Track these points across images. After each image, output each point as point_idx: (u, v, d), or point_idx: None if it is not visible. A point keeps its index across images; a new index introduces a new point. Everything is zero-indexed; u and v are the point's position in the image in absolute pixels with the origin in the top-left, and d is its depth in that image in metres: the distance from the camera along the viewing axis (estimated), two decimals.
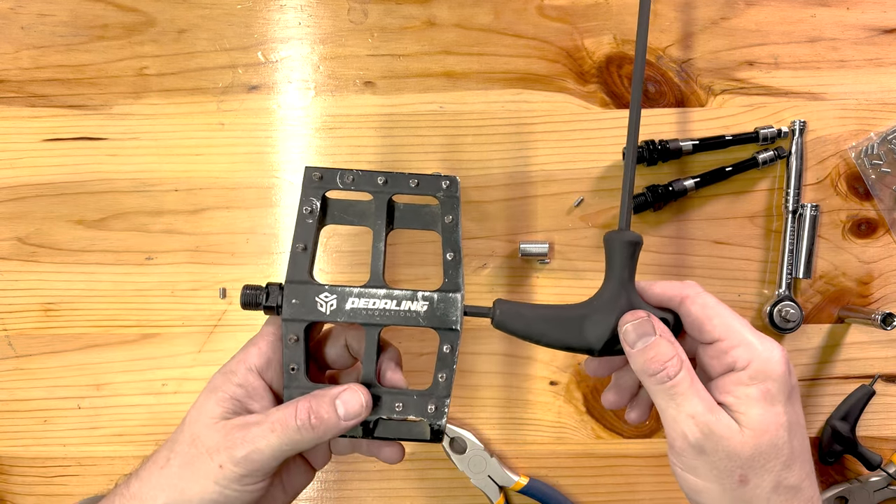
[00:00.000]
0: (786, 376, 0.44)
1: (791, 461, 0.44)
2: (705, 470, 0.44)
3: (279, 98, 0.63)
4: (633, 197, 0.51)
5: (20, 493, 0.63)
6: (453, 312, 0.48)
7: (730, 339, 0.45)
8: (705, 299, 0.46)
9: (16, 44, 0.63)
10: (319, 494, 0.63)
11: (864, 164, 0.62)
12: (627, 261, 0.48)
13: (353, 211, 0.51)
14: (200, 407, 0.47)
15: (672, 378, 0.44)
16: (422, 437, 0.49)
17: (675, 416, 0.44)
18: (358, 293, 0.48)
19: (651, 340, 0.45)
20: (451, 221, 0.50)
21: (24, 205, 0.63)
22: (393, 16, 0.62)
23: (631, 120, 0.51)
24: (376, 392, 0.48)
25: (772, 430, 0.43)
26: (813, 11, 0.62)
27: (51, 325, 0.63)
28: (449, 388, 0.48)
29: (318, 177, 0.50)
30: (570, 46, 0.62)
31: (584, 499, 0.63)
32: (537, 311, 0.49)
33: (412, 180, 0.50)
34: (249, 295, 0.49)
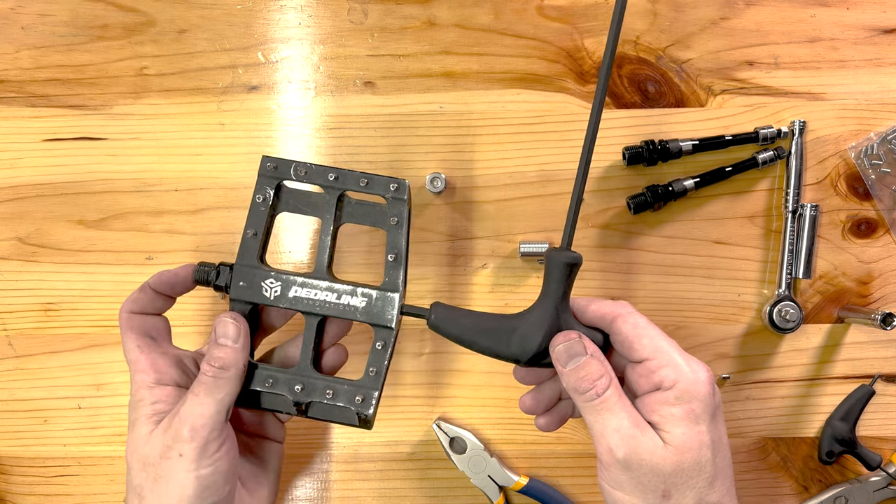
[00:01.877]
0: (710, 396, 0.46)
1: (713, 479, 0.45)
2: (630, 485, 0.46)
3: (279, 98, 0.63)
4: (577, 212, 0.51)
5: (20, 493, 0.63)
6: (389, 311, 0.51)
7: (658, 358, 0.46)
8: (636, 319, 0.48)
9: (16, 44, 0.63)
10: (319, 494, 0.63)
11: (863, 164, 0.62)
12: (563, 280, 0.49)
13: (307, 202, 0.53)
14: (133, 440, 0.49)
15: (600, 395, 0.46)
16: (351, 422, 0.51)
17: (601, 430, 0.46)
18: (301, 283, 0.51)
19: (582, 360, 0.47)
20: (395, 223, 0.52)
21: (24, 205, 0.63)
22: (393, 16, 0.62)
23: (588, 135, 0.51)
24: (311, 379, 0.51)
25: (695, 448, 0.45)
26: (813, 11, 0.62)
27: (51, 325, 0.63)
28: (378, 382, 0.50)
29: (273, 167, 0.52)
30: (570, 46, 0.62)
31: (584, 499, 0.63)
32: (472, 319, 0.50)
33: (362, 179, 0.52)
34: (202, 272, 0.52)
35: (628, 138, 0.62)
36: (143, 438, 0.48)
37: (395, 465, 0.63)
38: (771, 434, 0.63)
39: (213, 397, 0.48)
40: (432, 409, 0.63)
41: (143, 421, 0.49)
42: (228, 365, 0.49)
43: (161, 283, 0.52)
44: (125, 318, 0.52)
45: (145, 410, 0.49)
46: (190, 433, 0.47)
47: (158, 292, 0.52)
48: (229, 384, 0.48)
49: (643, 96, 0.62)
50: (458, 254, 0.62)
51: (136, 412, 0.49)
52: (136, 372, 0.50)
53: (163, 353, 0.51)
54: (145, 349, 0.51)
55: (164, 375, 0.50)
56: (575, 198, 0.50)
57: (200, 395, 0.48)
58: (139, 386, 0.50)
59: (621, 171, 0.62)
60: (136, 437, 0.48)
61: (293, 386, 0.50)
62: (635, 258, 0.62)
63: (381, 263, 0.62)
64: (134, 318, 0.52)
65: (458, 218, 0.62)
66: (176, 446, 0.47)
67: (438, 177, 0.61)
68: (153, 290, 0.52)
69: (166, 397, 0.49)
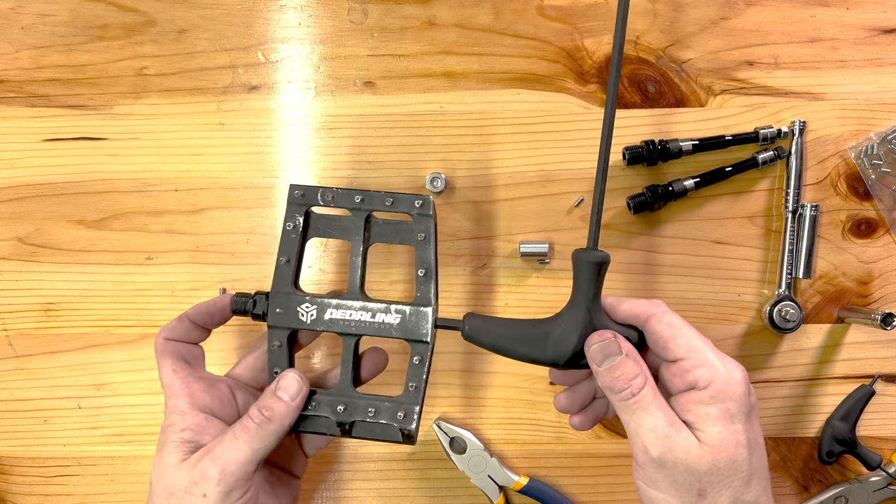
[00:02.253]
0: (745, 396, 0.46)
1: (750, 478, 0.45)
2: (665, 484, 0.46)
3: (279, 98, 0.63)
4: (601, 212, 0.52)
5: (20, 493, 0.63)
6: (424, 325, 0.51)
7: (693, 358, 0.47)
8: (671, 318, 0.48)
9: (16, 44, 0.63)
10: (319, 494, 0.63)
11: (863, 164, 0.62)
12: (593, 280, 0.49)
13: (336, 226, 0.54)
14: (160, 465, 0.49)
15: (636, 395, 0.46)
16: (394, 438, 0.51)
17: (637, 429, 0.46)
18: (336, 304, 0.52)
19: (617, 360, 0.47)
20: (423, 239, 0.52)
21: (24, 205, 0.63)
22: (393, 16, 0.62)
23: (602, 142, 0.51)
24: (352, 399, 0.51)
25: (730, 447, 0.45)
26: (813, 11, 0.62)
27: (51, 325, 0.63)
28: (418, 397, 0.51)
29: (301, 194, 0.53)
30: (570, 46, 0.62)
31: (584, 499, 0.63)
32: (505, 326, 0.51)
33: (388, 199, 0.52)
34: (239, 302, 0.52)
35: (628, 138, 0.62)
36: (172, 467, 0.48)
37: (395, 465, 0.63)
38: (771, 434, 0.63)
39: (251, 446, 0.47)
40: (432, 409, 0.63)
41: (171, 448, 0.48)
42: (276, 419, 0.48)
43: (199, 313, 0.52)
44: (161, 344, 0.52)
45: (175, 437, 0.49)
46: (219, 476, 0.46)
47: (196, 323, 0.53)
48: (270, 437, 0.48)
49: (643, 96, 0.62)
50: (459, 254, 0.62)
51: (165, 436, 0.49)
52: (170, 396, 0.50)
53: (198, 377, 0.52)
54: (180, 373, 0.51)
55: (198, 401, 0.50)
56: (597, 197, 0.51)
57: (240, 441, 0.47)
58: (172, 410, 0.50)
59: (621, 171, 0.62)
60: (165, 463, 0.48)
61: (336, 406, 0.51)
62: (635, 258, 0.62)
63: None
64: (169, 343, 0.52)
65: (458, 218, 0.62)
66: (202, 484, 0.46)
67: (438, 177, 0.61)
68: (191, 320, 0.52)
69: (196, 426, 0.49)
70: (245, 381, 0.55)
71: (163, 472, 0.48)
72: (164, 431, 0.50)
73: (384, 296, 0.62)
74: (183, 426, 0.49)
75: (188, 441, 0.49)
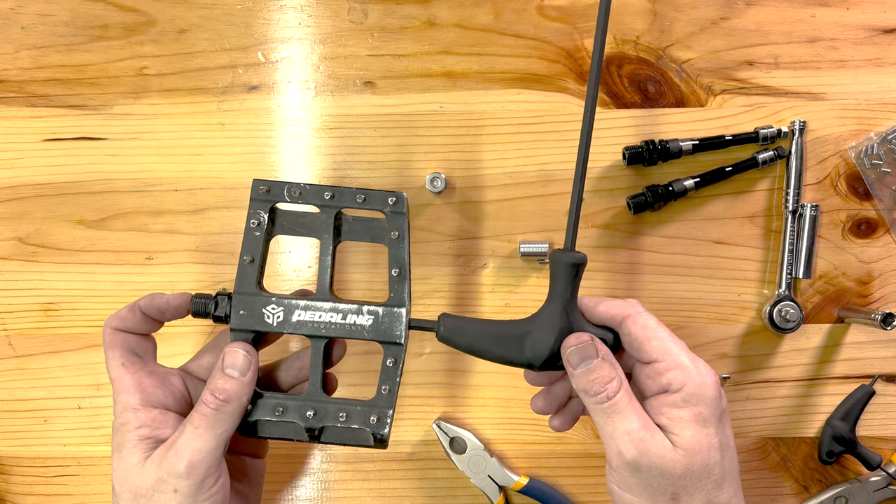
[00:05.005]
0: (717, 400, 0.46)
1: (722, 480, 0.46)
2: (639, 488, 0.46)
3: (279, 98, 0.63)
4: (579, 213, 0.51)
5: (20, 493, 0.63)
6: (398, 327, 0.50)
7: (666, 361, 0.46)
8: (646, 320, 0.48)
9: (16, 44, 0.63)
10: (319, 494, 0.63)
11: (863, 164, 0.62)
12: (570, 281, 0.49)
13: (303, 223, 0.52)
14: (121, 467, 0.47)
15: (611, 398, 0.46)
16: (365, 443, 0.50)
17: (611, 433, 0.46)
18: (304, 306, 0.50)
19: (593, 363, 0.47)
20: (396, 237, 0.51)
21: (24, 205, 0.63)
22: (393, 16, 0.62)
23: (582, 140, 0.51)
24: (322, 403, 0.49)
25: (703, 450, 0.45)
26: (813, 11, 0.62)
27: (51, 325, 0.63)
28: (391, 400, 0.49)
29: (266, 190, 0.51)
30: (570, 46, 0.62)
31: (584, 499, 0.63)
32: (480, 327, 0.50)
33: (359, 195, 0.51)
34: (199, 304, 0.50)
35: (628, 138, 0.62)
36: (135, 467, 0.46)
37: (395, 465, 0.63)
38: (771, 434, 0.63)
39: (213, 432, 0.46)
40: (432, 409, 0.63)
41: (130, 447, 0.47)
42: (232, 398, 0.47)
43: (152, 307, 0.50)
44: (109, 334, 0.50)
45: (131, 435, 0.47)
46: (187, 469, 0.45)
47: (147, 315, 0.50)
48: (230, 418, 0.47)
49: (643, 96, 0.62)
50: (459, 254, 0.62)
51: (121, 436, 0.48)
52: (119, 392, 0.48)
53: (149, 371, 0.50)
54: (130, 367, 0.49)
55: (150, 396, 0.48)
56: (575, 198, 0.50)
57: (200, 429, 0.46)
58: (123, 408, 0.48)
59: (621, 171, 0.62)
60: (126, 464, 0.47)
61: (305, 412, 0.49)
62: (635, 258, 0.62)
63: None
64: (118, 334, 0.50)
65: (458, 218, 0.62)
66: (171, 481, 0.45)
67: (438, 177, 0.61)
68: (142, 312, 0.50)
69: (152, 421, 0.48)
70: (201, 377, 0.53)
71: (126, 473, 0.47)
72: (118, 431, 0.48)
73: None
74: (138, 423, 0.47)
75: (146, 437, 0.47)
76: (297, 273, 0.63)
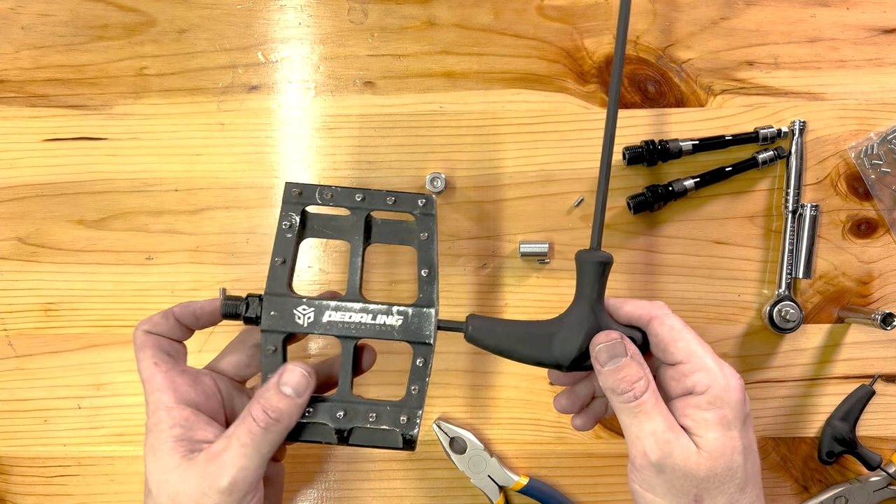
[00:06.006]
0: (741, 403, 0.46)
1: (745, 484, 0.46)
2: (663, 489, 0.46)
3: (279, 98, 0.63)
4: (604, 212, 0.51)
5: (20, 493, 0.63)
6: (427, 327, 0.50)
7: (692, 363, 0.47)
8: (673, 322, 0.48)
9: (16, 44, 0.63)
10: (319, 494, 0.63)
11: (863, 164, 0.62)
12: (597, 280, 0.49)
13: (333, 226, 0.52)
14: (159, 469, 0.46)
15: (639, 398, 0.46)
16: (395, 445, 0.50)
17: (637, 433, 0.46)
18: (335, 306, 0.50)
19: (622, 361, 0.47)
20: (426, 238, 0.51)
21: (24, 205, 0.63)
22: (393, 16, 0.62)
23: (606, 140, 0.51)
24: (352, 404, 0.49)
25: (727, 453, 0.45)
26: (813, 11, 0.62)
27: (51, 325, 0.63)
28: (421, 400, 0.49)
29: (298, 192, 0.51)
30: (570, 46, 0.62)
31: (584, 499, 0.63)
32: (509, 328, 0.50)
33: (389, 198, 0.51)
34: (230, 305, 0.50)
35: (628, 138, 0.62)
36: (174, 471, 0.46)
37: (395, 465, 0.63)
38: (771, 434, 0.63)
39: (260, 451, 0.46)
40: (432, 409, 0.63)
41: (167, 450, 0.46)
42: (283, 418, 0.47)
43: (186, 313, 0.50)
44: (141, 336, 0.49)
45: (166, 436, 0.46)
46: (229, 486, 0.45)
47: (181, 322, 0.50)
48: (278, 439, 0.47)
49: (643, 96, 0.62)
50: (459, 254, 0.62)
51: (155, 437, 0.47)
52: (152, 391, 0.48)
53: (181, 371, 0.49)
54: (162, 366, 0.48)
55: (183, 395, 0.48)
56: (600, 198, 0.51)
57: (248, 448, 0.46)
58: (157, 406, 0.47)
59: (621, 171, 0.62)
60: (164, 467, 0.46)
61: (335, 413, 0.49)
62: (635, 258, 0.62)
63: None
64: (150, 336, 0.49)
65: (458, 218, 0.62)
66: (213, 495, 0.45)
67: (438, 177, 0.61)
68: (176, 318, 0.50)
69: (185, 420, 0.47)
70: (229, 375, 0.53)
71: (165, 476, 0.46)
72: (153, 431, 0.47)
73: (382, 297, 0.62)
74: (172, 423, 0.47)
75: (181, 438, 0.47)
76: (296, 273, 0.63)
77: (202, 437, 0.47)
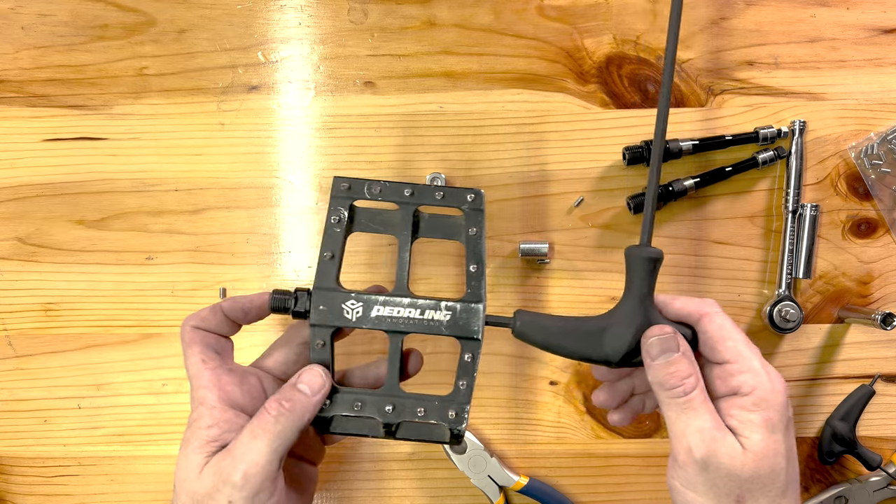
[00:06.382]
0: (785, 407, 0.46)
1: (786, 488, 0.46)
2: (705, 487, 0.45)
3: (279, 98, 0.63)
4: (654, 209, 0.51)
5: (20, 493, 0.63)
6: (475, 322, 0.49)
7: (739, 363, 0.46)
8: (722, 321, 0.48)
9: (16, 44, 0.63)
10: (319, 494, 0.63)
11: (863, 164, 0.62)
12: (647, 276, 0.49)
13: (380, 220, 0.52)
14: (184, 466, 0.46)
15: (688, 394, 0.46)
16: (442, 439, 0.50)
17: (683, 429, 0.46)
18: (383, 301, 0.50)
19: (674, 356, 0.47)
20: (475, 234, 0.51)
21: (24, 205, 0.63)
22: (393, 16, 0.62)
23: (656, 138, 0.51)
24: (400, 398, 0.49)
25: (771, 456, 0.45)
26: (813, 11, 0.62)
27: (51, 325, 0.63)
28: (469, 395, 0.49)
29: (347, 187, 0.51)
30: (570, 46, 0.62)
31: (584, 499, 0.63)
32: (557, 323, 0.50)
33: (438, 192, 0.51)
34: (279, 300, 0.50)
35: (628, 138, 0.62)
36: (194, 471, 0.46)
37: (395, 465, 0.63)
38: None
39: (271, 445, 0.45)
40: None
41: (195, 447, 0.46)
42: (297, 410, 0.47)
43: (234, 308, 0.50)
44: (188, 332, 0.49)
45: (200, 435, 0.46)
46: (242, 480, 0.45)
47: (228, 317, 0.50)
48: (289, 432, 0.46)
49: (643, 96, 0.62)
50: (459, 254, 0.62)
51: (191, 432, 0.47)
52: (198, 388, 0.48)
53: (228, 369, 0.49)
54: (209, 363, 0.48)
55: (228, 394, 0.48)
56: (651, 193, 0.50)
57: (258, 440, 0.45)
58: (200, 402, 0.47)
59: (621, 171, 0.62)
60: (188, 465, 0.46)
61: (383, 407, 0.49)
62: None
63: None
64: (198, 332, 0.49)
65: None
66: (226, 490, 0.45)
67: (438, 177, 0.61)
68: (224, 313, 0.50)
69: (225, 422, 0.47)
70: (275, 374, 0.52)
71: (186, 474, 0.46)
72: (190, 426, 0.47)
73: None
74: (210, 422, 0.46)
75: (214, 440, 0.46)
76: (296, 273, 0.63)
77: None
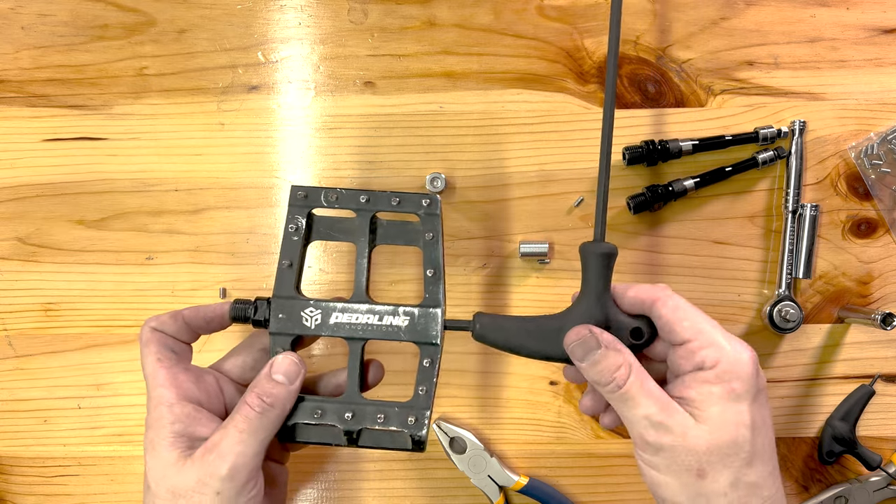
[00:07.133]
0: (752, 377, 0.45)
1: (752, 459, 0.45)
2: (664, 465, 0.45)
3: (279, 98, 0.63)
4: (606, 204, 0.52)
5: (20, 493, 0.63)
6: (433, 327, 0.50)
7: (699, 339, 0.46)
8: (676, 301, 0.48)
9: (16, 44, 0.63)
10: (319, 494, 0.63)
11: (863, 164, 0.62)
12: (603, 271, 0.49)
13: (339, 227, 0.52)
14: (157, 465, 0.47)
15: (622, 386, 0.46)
16: (404, 446, 0.50)
17: (630, 419, 0.46)
18: (342, 308, 0.50)
19: (596, 354, 0.47)
20: (431, 239, 0.51)
21: (24, 205, 0.63)
22: (393, 16, 0.62)
23: (604, 131, 0.52)
24: (360, 405, 0.49)
25: (731, 427, 0.45)
26: (813, 11, 0.62)
27: (51, 325, 0.63)
28: (429, 401, 0.49)
29: (303, 195, 0.51)
30: (570, 46, 0.62)
31: (584, 499, 0.63)
32: (516, 323, 0.50)
33: (394, 199, 0.51)
34: (239, 309, 0.51)
35: (628, 138, 0.62)
36: (173, 467, 0.46)
37: (395, 465, 0.63)
38: None
39: (256, 437, 0.46)
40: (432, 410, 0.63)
41: (166, 445, 0.47)
42: (277, 404, 0.47)
43: (196, 317, 0.51)
44: (147, 332, 0.50)
45: (165, 432, 0.47)
46: (230, 472, 0.45)
47: (189, 325, 0.51)
48: (273, 425, 0.47)
49: (643, 96, 0.62)
50: (459, 254, 0.62)
51: (155, 432, 0.47)
52: (154, 387, 0.48)
53: (184, 368, 0.49)
54: (165, 362, 0.49)
55: (185, 392, 0.48)
56: (602, 189, 0.51)
57: (244, 433, 0.46)
58: (158, 402, 0.48)
59: (621, 171, 0.62)
60: (163, 463, 0.46)
61: (343, 414, 0.49)
62: (635, 258, 0.62)
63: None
64: (156, 333, 0.50)
65: (458, 218, 0.62)
66: (213, 483, 0.45)
67: (438, 177, 0.61)
68: (185, 321, 0.50)
69: (186, 417, 0.47)
70: (233, 377, 0.53)
71: (163, 472, 0.46)
72: (152, 427, 0.47)
73: (384, 297, 0.62)
74: (172, 419, 0.47)
75: (180, 435, 0.47)
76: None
77: (202, 434, 0.48)
